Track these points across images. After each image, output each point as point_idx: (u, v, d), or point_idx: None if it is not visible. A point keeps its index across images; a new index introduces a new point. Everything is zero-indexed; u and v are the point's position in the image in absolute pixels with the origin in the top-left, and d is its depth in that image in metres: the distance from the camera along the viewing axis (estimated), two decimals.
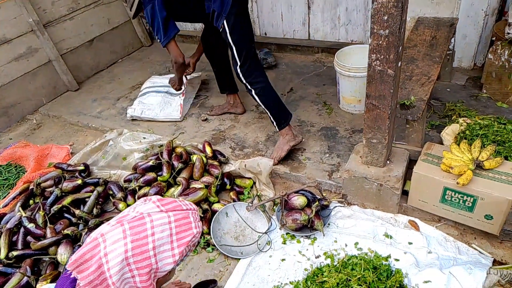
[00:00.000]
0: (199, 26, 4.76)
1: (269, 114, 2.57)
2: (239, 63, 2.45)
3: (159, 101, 3.40)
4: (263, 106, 2.56)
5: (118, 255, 0.97)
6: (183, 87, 3.33)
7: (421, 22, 3.00)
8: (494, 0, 2.93)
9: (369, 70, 1.89)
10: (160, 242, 1.02)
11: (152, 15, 2.50)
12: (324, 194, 2.40)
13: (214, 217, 2.21)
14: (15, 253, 2.18)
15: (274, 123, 2.60)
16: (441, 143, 2.43)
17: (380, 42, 1.78)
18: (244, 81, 2.51)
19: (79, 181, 2.61)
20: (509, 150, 2.16)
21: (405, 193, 2.19)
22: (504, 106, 2.78)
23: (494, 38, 2.78)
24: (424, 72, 2.42)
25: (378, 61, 1.84)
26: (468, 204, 1.89)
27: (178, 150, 2.75)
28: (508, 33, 2.58)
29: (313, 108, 3.20)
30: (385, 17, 1.72)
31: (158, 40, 2.64)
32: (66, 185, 2.59)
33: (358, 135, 2.79)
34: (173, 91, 3.50)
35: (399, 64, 1.91)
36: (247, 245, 2.13)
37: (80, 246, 2.17)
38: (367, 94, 1.96)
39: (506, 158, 2.10)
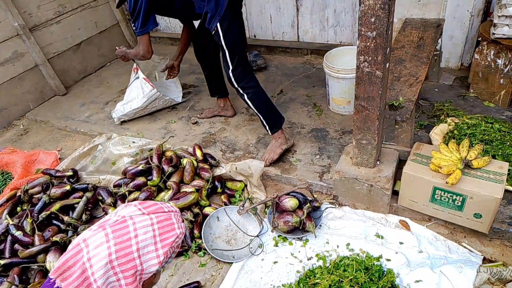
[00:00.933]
0: None
1: (261, 118, 2.55)
2: (231, 67, 2.41)
3: (131, 89, 3.32)
4: (255, 111, 2.53)
5: (101, 258, 0.96)
6: (134, 64, 3.32)
7: (408, 23, 3.03)
8: (479, 1, 2.97)
9: (358, 71, 1.89)
10: (144, 243, 1.02)
11: (135, 2, 2.42)
12: (315, 196, 2.40)
13: (205, 221, 2.20)
14: (2, 261, 2.14)
15: (267, 127, 2.58)
16: (430, 143, 2.45)
17: (368, 44, 1.79)
18: (236, 86, 2.47)
19: (68, 187, 2.56)
20: (497, 149, 2.19)
21: (395, 193, 2.20)
22: (491, 105, 2.82)
23: (480, 39, 2.82)
24: (412, 73, 2.44)
25: (366, 63, 1.85)
26: (458, 203, 1.91)
27: (168, 154, 2.73)
28: (494, 33, 2.62)
29: (303, 110, 3.21)
30: (373, 19, 1.73)
31: (134, 28, 2.56)
32: (55, 191, 2.54)
33: (348, 136, 2.81)
34: (140, 74, 3.39)
35: (387, 66, 1.92)
36: (239, 249, 2.12)
37: None
38: (356, 95, 1.97)
39: (494, 157, 2.13)
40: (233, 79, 2.45)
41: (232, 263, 2.07)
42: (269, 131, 2.60)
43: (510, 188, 2.07)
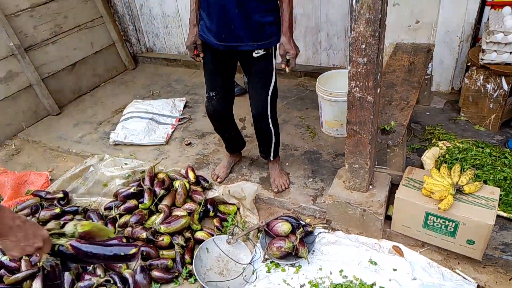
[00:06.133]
0: (184, 49, 4.79)
1: (273, 144, 2.51)
2: (270, 95, 2.28)
3: (143, 127, 3.37)
4: (273, 137, 2.46)
5: None
6: (175, 122, 3.39)
7: (399, 48, 3.09)
8: (468, 27, 3.04)
9: (349, 96, 1.92)
10: None
11: None
12: (308, 220, 2.38)
13: (195, 254, 2.13)
14: None
15: (272, 153, 2.56)
16: (422, 166, 2.46)
17: (359, 69, 1.82)
18: (270, 114, 2.34)
19: (57, 210, 2.52)
20: (488, 173, 2.20)
21: (388, 218, 2.19)
22: (481, 129, 2.85)
23: (469, 64, 2.87)
24: (403, 97, 2.47)
25: (357, 88, 1.87)
26: (450, 229, 1.90)
27: (160, 176, 2.71)
28: (482, 59, 2.67)
29: (297, 132, 3.22)
30: (363, 46, 1.76)
31: None
32: (44, 214, 2.50)
33: (341, 159, 2.81)
34: (158, 118, 3.50)
35: (378, 91, 1.94)
36: (233, 279, 2.07)
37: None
38: (347, 120, 1.98)
39: (485, 182, 2.14)
40: (269, 108, 2.31)
41: None
42: (272, 156, 2.58)
43: (502, 213, 2.07)
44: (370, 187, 2.22)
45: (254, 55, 2.14)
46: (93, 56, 4.43)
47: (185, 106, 3.85)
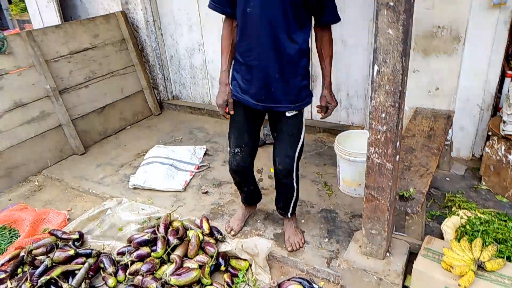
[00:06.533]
0: (208, 99, 4.98)
1: (294, 200, 2.52)
2: (297, 154, 2.32)
3: (163, 173, 3.45)
4: (294, 193, 2.48)
5: None
6: (194, 169, 3.46)
7: (419, 113, 3.13)
8: (488, 97, 3.08)
9: (368, 162, 1.94)
10: None
11: None
12: (321, 283, 2.31)
13: None
14: None
15: (290, 209, 2.56)
16: (441, 235, 2.39)
17: (379, 137, 1.85)
18: (295, 172, 2.37)
19: (72, 252, 2.54)
20: None
21: None
22: (504, 200, 2.78)
23: (490, 133, 2.87)
24: (422, 163, 2.47)
25: (376, 154, 1.90)
26: None
27: (175, 224, 2.72)
28: (503, 130, 2.68)
29: (314, 188, 3.22)
30: (383, 115, 1.81)
31: None
32: (58, 255, 2.52)
33: (358, 220, 2.77)
34: (178, 164, 3.59)
35: (397, 158, 1.96)
36: None
37: None
38: (366, 184, 1.99)
39: (508, 258, 2.05)
40: (295, 165, 2.35)
41: None
42: (290, 213, 2.58)
43: None
44: (388, 254, 2.16)
45: (287, 114, 2.23)
46: (121, 100, 4.66)
47: (205, 154, 3.93)
